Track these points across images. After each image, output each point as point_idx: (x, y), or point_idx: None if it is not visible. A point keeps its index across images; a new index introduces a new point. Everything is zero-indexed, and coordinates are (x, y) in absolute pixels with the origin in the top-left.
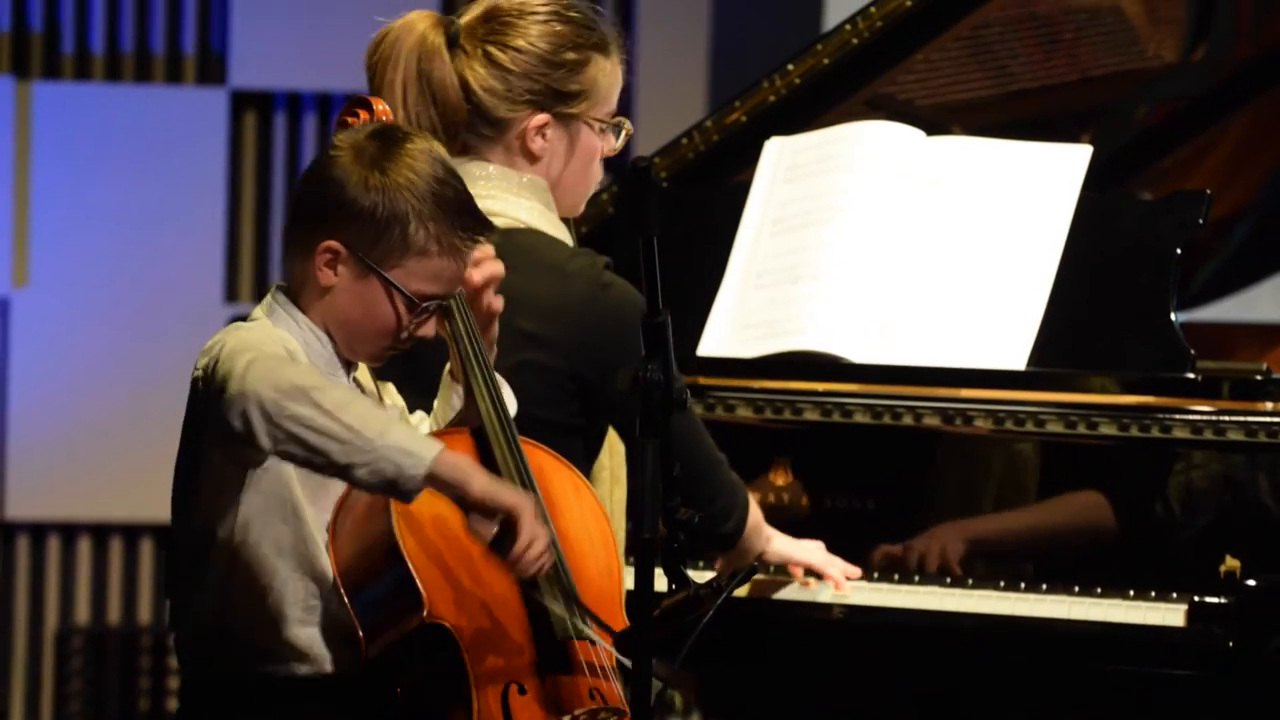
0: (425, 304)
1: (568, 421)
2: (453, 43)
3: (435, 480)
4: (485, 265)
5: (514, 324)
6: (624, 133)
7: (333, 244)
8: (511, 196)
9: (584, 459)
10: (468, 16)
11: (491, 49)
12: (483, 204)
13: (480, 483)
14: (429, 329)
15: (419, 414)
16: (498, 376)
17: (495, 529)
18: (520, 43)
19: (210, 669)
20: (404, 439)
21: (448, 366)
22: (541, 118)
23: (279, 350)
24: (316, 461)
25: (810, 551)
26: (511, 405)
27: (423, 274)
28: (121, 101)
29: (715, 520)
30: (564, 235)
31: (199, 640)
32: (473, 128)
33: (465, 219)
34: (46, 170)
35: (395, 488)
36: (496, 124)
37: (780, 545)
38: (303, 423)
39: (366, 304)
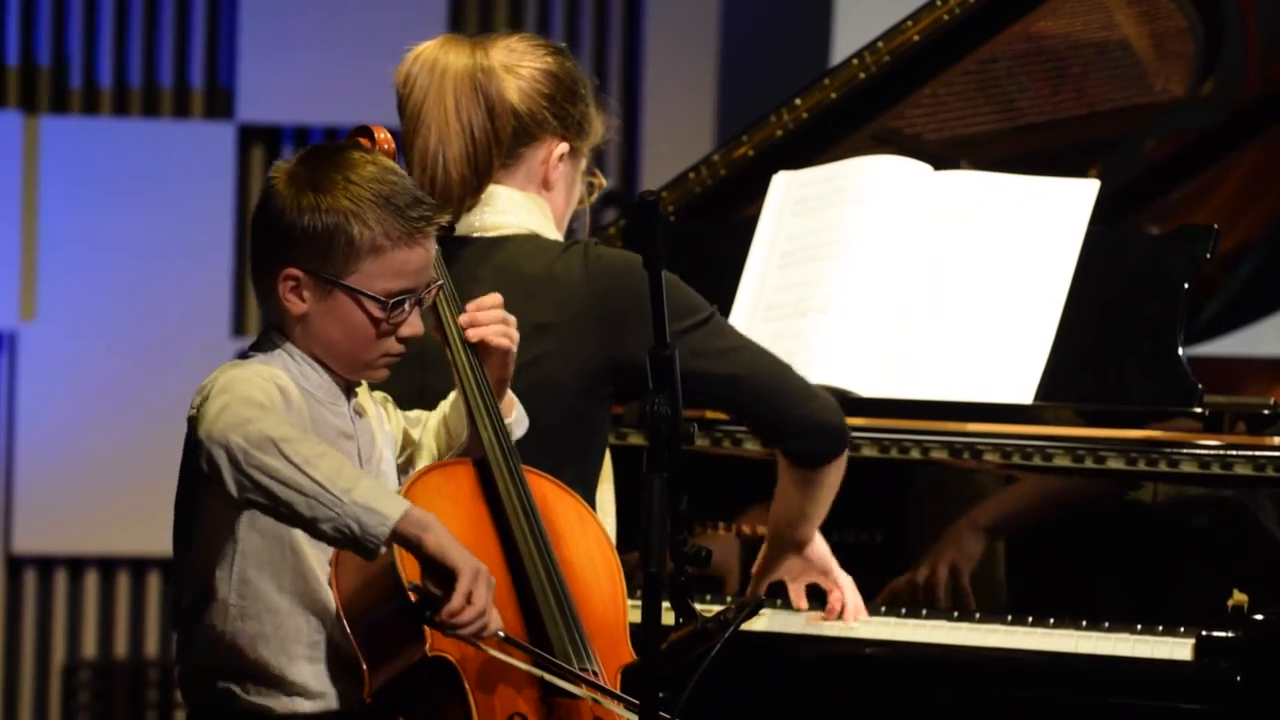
0: (396, 300)
1: (594, 412)
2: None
3: (398, 537)
4: (488, 328)
5: (525, 320)
6: (596, 187)
7: (290, 271)
8: (514, 210)
9: (600, 448)
10: (492, 47)
11: (523, 70)
12: (484, 218)
13: (434, 539)
14: (414, 326)
15: (416, 412)
16: (511, 397)
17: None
18: (544, 68)
19: (215, 704)
20: (370, 496)
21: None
22: (564, 146)
23: (268, 390)
24: (281, 512)
25: (842, 574)
26: (520, 429)
27: (383, 271)
28: (129, 136)
29: (815, 421)
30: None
31: (203, 675)
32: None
33: (410, 207)
34: (54, 204)
35: (358, 544)
36: (531, 142)
37: (823, 548)
38: (270, 473)
39: (340, 319)
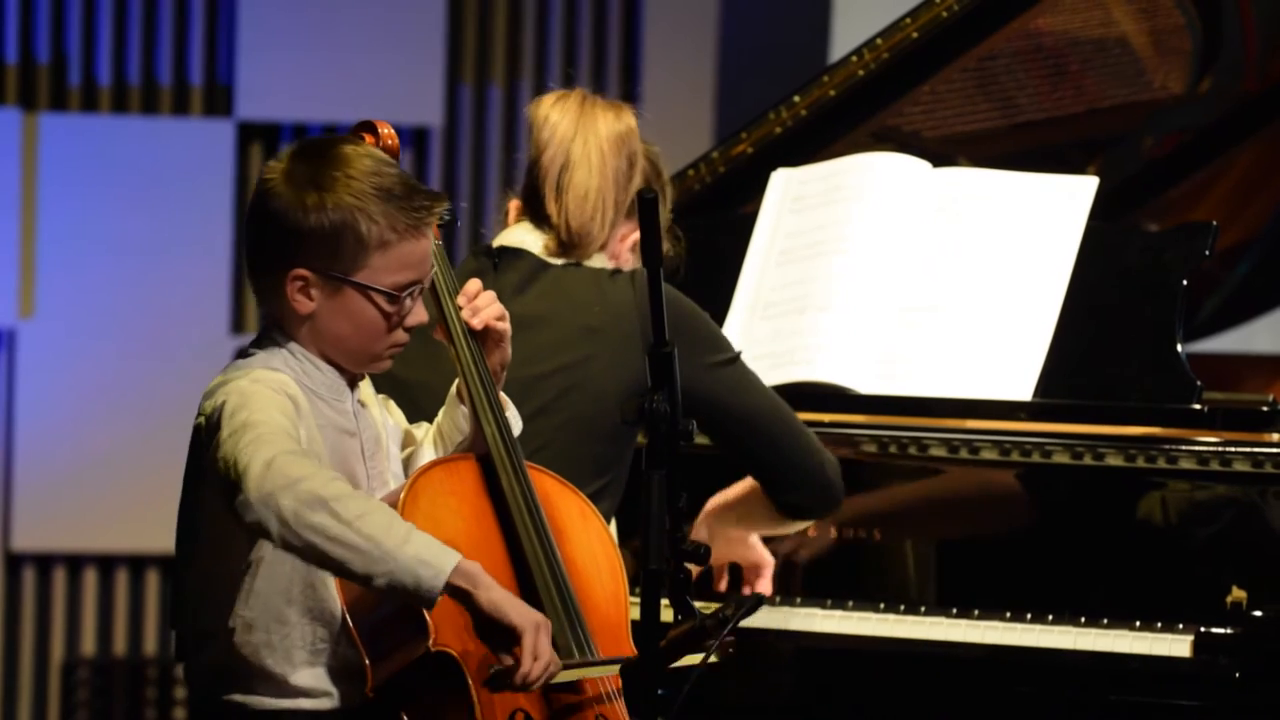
0: (405, 293)
1: (626, 429)
2: None
3: (450, 589)
4: (487, 311)
5: (575, 324)
6: (678, 254)
7: (298, 272)
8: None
9: (623, 473)
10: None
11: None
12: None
13: (487, 596)
14: (419, 315)
15: (422, 425)
16: (504, 398)
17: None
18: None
19: (218, 702)
20: (423, 549)
21: (454, 384)
22: (638, 235)
23: (284, 406)
24: (332, 568)
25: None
26: (516, 427)
27: (390, 265)
28: (128, 133)
29: (822, 478)
30: None
31: (208, 683)
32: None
33: (411, 197)
34: (53, 201)
35: (413, 597)
36: (628, 218)
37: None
38: (322, 533)
39: (350, 315)
